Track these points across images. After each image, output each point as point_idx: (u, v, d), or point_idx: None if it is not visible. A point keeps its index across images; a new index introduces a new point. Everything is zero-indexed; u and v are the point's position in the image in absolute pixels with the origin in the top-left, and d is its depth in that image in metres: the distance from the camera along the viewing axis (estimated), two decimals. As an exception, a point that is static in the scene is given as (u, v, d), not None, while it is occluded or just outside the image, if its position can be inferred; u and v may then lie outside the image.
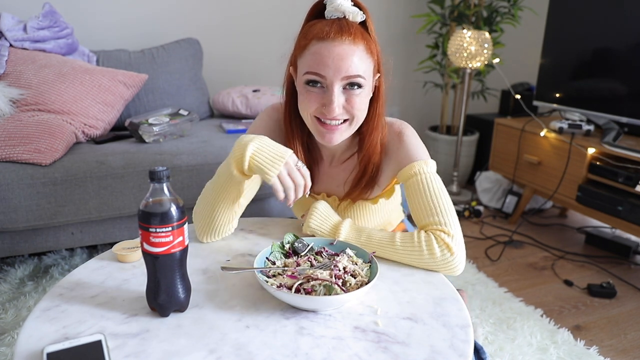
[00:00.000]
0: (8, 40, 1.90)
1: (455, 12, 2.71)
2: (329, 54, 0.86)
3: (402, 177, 0.98)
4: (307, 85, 0.91)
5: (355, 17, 0.90)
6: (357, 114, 0.92)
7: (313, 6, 0.95)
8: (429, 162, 0.97)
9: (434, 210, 0.91)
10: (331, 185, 1.10)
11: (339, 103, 0.89)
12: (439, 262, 0.88)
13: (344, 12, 0.89)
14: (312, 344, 0.68)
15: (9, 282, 1.69)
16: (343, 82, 0.88)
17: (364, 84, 0.90)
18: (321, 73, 0.88)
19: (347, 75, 0.87)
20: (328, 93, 0.89)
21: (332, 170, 1.09)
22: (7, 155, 1.55)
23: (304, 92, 0.92)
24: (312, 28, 0.90)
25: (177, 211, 0.70)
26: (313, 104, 0.91)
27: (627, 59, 1.98)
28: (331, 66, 0.87)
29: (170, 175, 0.83)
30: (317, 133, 0.95)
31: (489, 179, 2.67)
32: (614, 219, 1.92)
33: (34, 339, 0.68)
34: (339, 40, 0.86)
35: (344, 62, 0.86)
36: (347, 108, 0.91)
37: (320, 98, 0.90)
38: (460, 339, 0.70)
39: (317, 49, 0.88)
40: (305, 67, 0.90)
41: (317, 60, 0.87)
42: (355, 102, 0.90)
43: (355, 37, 0.87)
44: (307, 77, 0.90)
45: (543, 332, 1.53)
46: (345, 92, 0.90)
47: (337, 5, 0.89)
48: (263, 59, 2.69)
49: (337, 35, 0.86)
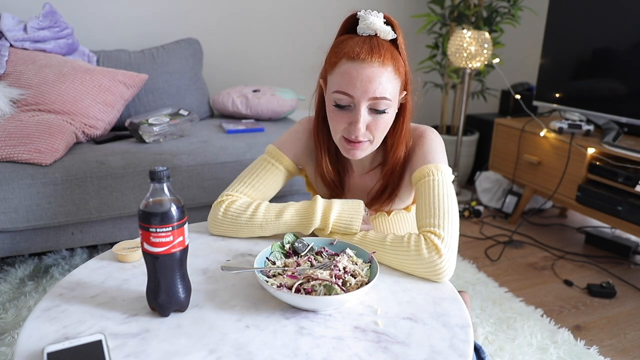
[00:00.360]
0: (8, 40, 1.90)
1: (455, 12, 2.71)
2: (357, 75, 0.89)
3: (414, 179, 0.99)
4: (335, 107, 0.94)
5: (387, 35, 0.91)
6: (378, 136, 0.96)
7: (346, 20, 0.97)
8: (441, 166, 0.96)
9: (431, 213, 0.90)
10: (361, 194, 1.12)
11: (364, 122, 0.92)
12: (425, 263, 0.84)
13: (375, 31, 0.91)
14: (312, 344, 0.68)
15: (9, 282, 1.69)
16: (369, 102, 0.91)
17: (389, 106, 0.93)
18: (349, 93, 0.90)
19: (374, 96, 0.90)
20: (355, 112, 0.92)
21: (361, 180, 1.11)
22: (7, 155, 1.55)
23: (332, 112, 0.95)
24: (343, 45, 0.92)
25: (177, 211, 0.70)
26: (341, 123, 0.94)
27: (627, 59, 1.98)
28: (359, 87, 0.89)
29: (170, 175, 0.83)
30: (343, 149, 0.99)
31: (489, 179, 2.67)
32: (614, 219, 1.92)
33: (34, 338, 0.68)
34: (368, 62, 0.88)
35: (372, 85, 0.89)
36: (370, 129, 0.94)
37: (347, 117, 0.93)
38: (460, 339, 0.70)
39: (347, 69, 0.90)
40: (335, 86, 0.92)
41: (346, 80, 0.90)
42: (379, 126, 0.94)
43: (385, 59, 0.89)
44: (335, 97, 0.92)
45: (543, 332, 1.53)
46: (371, 114, 0.93)
47: (370, 23, 0.90)
48: (263, 58, 2.69)
49: (367, 56, 0.88)
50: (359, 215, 0.93)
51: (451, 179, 0.96)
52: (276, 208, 0.97)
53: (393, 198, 1.06)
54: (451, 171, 0.98)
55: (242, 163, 1.82)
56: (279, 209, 0.97)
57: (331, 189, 1.10)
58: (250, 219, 0.97)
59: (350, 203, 0.96)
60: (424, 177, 0.95)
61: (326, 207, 0.94)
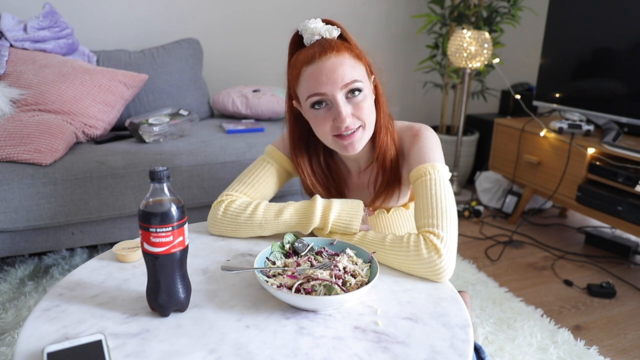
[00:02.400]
0: (8, 40, 1.90)
1: (455, 12, 2.71)
2: (320, 72, 0.91)
3: (411, 178, 0.99)
4: (313, 109, 0.95)
5: (332, 33, 0.95)
6: (367, 119, 0.96)
7: (292, 39, 1.00)
8: (437, 165, 0.96)
9: (430, 212, 0.90)
10: (363, 195, 1.11)
11: (347, 113, 0.93)
12: (425, 263, 0.84)
13: (319, 34, 0.94)
14: (312, 344, 0.68)
15: (9, 282, 1.69)
16: (343, 91, 0.92)
17: (362, 87, 0.93)
18: (321, 91, 0.92)
19: (344, 83, 0.91)
20: (334, 107, 0.93)
21: (360, 181, 1.11)
22: (7, 155, 1.55)
23: (313, 117, 0.96)
24: (298, 57, 0.95)
25: (177, 211, 0.70)
26: (326, 124, 0.95)
27: (627, 59, 1.98)
28: (326, 81, 0.91)
29: (170, 175, 0.83)
30: (340, 148, 0.98)
31: (488, 179, 2.67)
32: (614, 219, 1.92)
33: (34, 338, 0.68)
34: (324, 57, 0.91)
35: (337, 73, 0.91)
36: (355, 114, 0.94)
37: (329, 115, 0.94)
38: (460, 339, 0.70)
39: (310, 72, 0.92)
40: (306, 93, 0.94)
41: (312, 81, 0.92)
42: (362, 107, 0.94)
43: (339, 50, 0.92)
44: (310, 100, 0.94)
45: (543, 332, 1.53)
46: (350, 101, 0.93)
47: (312, 29, 0.94)
48: (263, 58, 2.69)
49: (322, 53, 0.91)
50: (359, 215, 0.93)
51: (448, 177, 0.96)
52: (275, 207, 0.98)
53: (394, 187, 1.06)
54: (448, 169, 0.98)
55: (242, 163, 1.82)
56: (279, 209, 0.97)
57: (329, 195, 1.10)
58: (249, 219, 0.98)
59: (350, 203, 0.96)
60: (421, 177, 0.95)
61: (326, 206, 0.95)
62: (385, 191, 1.06)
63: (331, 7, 2.72)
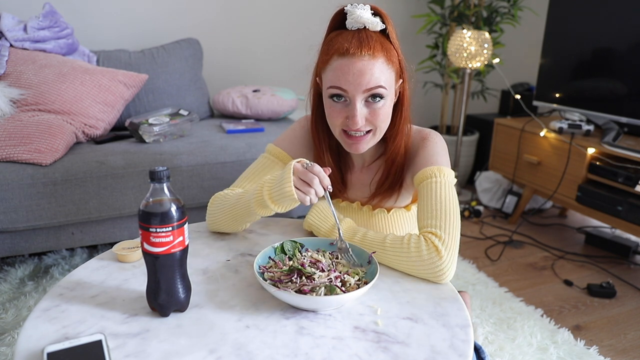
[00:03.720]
0: (8, 40, 1.90)
1: (455, 12, 2.71)
2: (349, 70, 0.89)
3: (416, 181, 0.98)
4: (331, 99, 0.94)
5: (375, 26, 0.91)
6: (380, 125, 0.95)
7: (334, 16, 0.96)
8: (444, 169, 0.95)
9: (432, 214, 0.89)
10: (364, 190, 1.11)
11: (362, 115, 0.92)
12: (425, 264, 0.84)
13: (364, 23, 0.91)
14: (312, 344, 0.68)
15: (9, 282, 1.69)
16: (365, 94, 0.91)
17: (385, 94, 0.92)
18: (343, 87, 0.91)
19: (368, 88, 0.90)
20: (351, 106, 0.92)
21: (363, 176, 1.11)
22: (7, 155, 1.55)
23: (329, 105, 0.95)
24: (333, 42, 0.92)
25: (177, 211, 0.70)
26: (338, 117, 0.94)
27: (627, 59, 1.98)
28: (352, 81, 0.89)
29: (170, 175, 0.83)
30: (344, 144, 0.98)
31: (488, 179, 2.67)
32: (614, 219, 1.92)
33: (34, 338, 0.68)
34: (358, 55, 0.89)
35: (364, 77, 0.89)
36: (370, 119, 0.93)
37: (344, 111, 0.93)
38: (460, 339, 0.70)
39: (339, 65, 0.90)
40: (329, 82, 0.93)
41: (339, 75, 0.90)
42: (379, 114, 0.93)
43: (375, 50, 0.89)
44: (330, 92, 0.93)
45: (543, 332, 1.53)
46: (368, 105, 0.93)
47: (357, 16, 0.90)
48: (263, 58, 2.69)
49: (356, 50, 0.89)
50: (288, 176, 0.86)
51: (454, 182, 0.96)
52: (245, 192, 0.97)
53: (394, 190, 1.06)
54: (454, 174, 0.97)
55: (242, 163, 1.82)
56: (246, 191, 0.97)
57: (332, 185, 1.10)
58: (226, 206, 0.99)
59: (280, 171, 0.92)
60: (426, 179, 0.95)
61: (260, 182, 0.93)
62: (384, 192, 1.06)
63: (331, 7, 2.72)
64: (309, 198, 0.86)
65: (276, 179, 0.89)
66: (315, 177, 0.85)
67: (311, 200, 0.86)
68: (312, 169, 0.86)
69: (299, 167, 0.87)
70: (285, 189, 0.85)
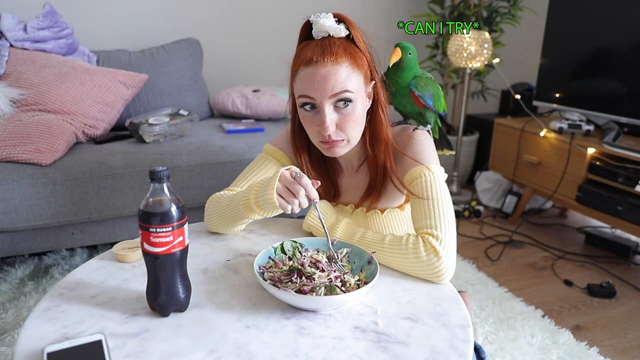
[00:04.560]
0: (8, 40, 1.90)
1: (455, 12, 2.71)
2: (313, 77, 0.90)
3: (407, 181, 0.98)
4: (303, 109, 0.95)
5: (339, 33, 0.93)
6: (351, 132, 0.95)
7: (302, 27, 0.99)
8: (433, 167, 0.96)
9: (428, 214, 0.89)
10: (356, 193, 1.11)
11: (332, 121, 0.92)
12: (424, 265, 0.84)
13: (327, 31, 0.93)
14: (312, 344, 0.68)
15: (9, 282, 1.69)
16: (332, 99, 0.91)
17: (353, 98, 0.92)
18: (310, 95, 0.92)
19: (334, 93, 0.90)
20: (320, 113, 0.92)
21: (353, 179, 1.11)
22: (7, 155, 1.55)
23: (303, 116, 0.97)
24: (300, 53, 0.95)
25: (177, 211, 0.70)
26: (313, 126, 0.95)
27: (627, 59, 1.98)
28: (317, 88, 0.90)
29: (170, 175, 0.83)
30: (323, 150, 0.98)
31: (489, 179, 2.67)
32: (614, 219, 1.92)
33: (34, 338, 0.68)
34: (321, 63, 0.90)
35: (329, 83, 0.90)
36: (340, 127, 0.93)
37: (317, 120, 0.94)
38: (460, 339, 0.70)
39: (304, 75, 0.92)
40: (298, 92, 0.94)
41: (305, 84, 0.92)
42: (348, 122, 0.93)
43: (338, 56, 0.90)
44: (300, 101, 0.94)
45: (543, 332, 1.53)
46: (338, 110, 0.93)
47: (320, 25, 0.93)
48: (263, 58, 2.69)
49: (319, 58, 0.90)
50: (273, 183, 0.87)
51: (444, 178, 0.96)
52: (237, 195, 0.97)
53: (383, 191, 1.06)
54: (443, 170, 0.97)
55: (242, 163, 1.82)
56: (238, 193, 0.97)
57: (323, 190, 1.11)
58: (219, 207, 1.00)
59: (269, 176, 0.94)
60: (416, 179, 0.95)
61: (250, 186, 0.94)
62: (374, 194, 1.06)
63: (331, 7, 2.72)
64: (290, 207, 0.87)
65: (263, 184, 0.90)
66: (302, 190, 0.85)
67: (293, 210, 0.87)
68: (300, 179, 0.86)
69: (287, 175, 0.87)
70: (268, 195, 0.86)
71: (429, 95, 1.05)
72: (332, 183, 1.11)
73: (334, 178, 1.12)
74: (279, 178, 0.87)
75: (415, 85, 1.04)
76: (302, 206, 0.87)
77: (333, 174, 1.12)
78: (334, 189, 1.12)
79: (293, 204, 0.86)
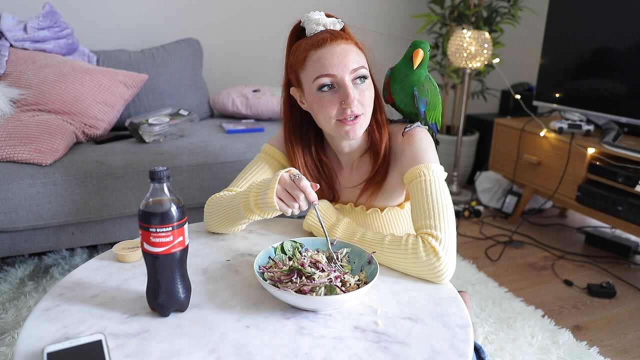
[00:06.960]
0: (8, 40, 1.90)
1: (455, 12, 2.71)
2: (331, 55, 0.92)
3: (406, 180, 0.98)
4: (320, 92, 0.95)
5: (336, 26, 0.97)
6: (368, 108, 0.97)
7: (292, 30, 1.00)
8: (432, 166, 0.95)
9: (427, 214, 0.89)
10: (355, 192, 1.11)
11: (355, 95, 0.94)
12: (424, 265, 0.84)
13: (324, 25, 0.95)
14: (312, 344, 0.68)
15: (9, 282, 1.69)
16: (352, 75, 0.94)
17: (367, 75, 0.96)
18: (331, 72, 0.93)
19: (354, 68, 0.93)
20: (342, 89, 0.94)
21: (353, 177, 1.11)
22: (7, 155, 1.55)
23: (319, 99, 0.95)
24: (302, 44, 0.96)
25: (177, 211, 0.70)
26: (332, 107, 0.95)
27: (627, 59, 1.98)
28: (337, 64, 0.92)
29: (170, 175, 0.83)
30: (341, 132, 0.97)
31: (488, 179, 2.67)
32: (614, 219, 1.92)
33: (34, 338, 0.68)
34: (335, 42, 0.93)
35: (348, 58, 0.93)
36: (360, 101, 0.95)
37: (336, 99, 0.94)
38: (460, 339, 0.70)
39: (319, 55, 0.93)
40: (314, 74, 0.94)
41: (323, 63, 0.93)
42: (366, 97, 0.96)
43: (346, 38, 0.95)
44: (318, 82, 0.94)
45: (543, 332, 1.53)
46: (356, 86, 0.95)
47: (317, 20, 0.95)
48: (263, 58, 2.69)
49: (332, 39, 0.93)
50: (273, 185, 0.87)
51: (443, 177, 0.96)
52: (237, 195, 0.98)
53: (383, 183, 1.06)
54: (443, 169, 0.97)
55: (242, 163, 1.82)
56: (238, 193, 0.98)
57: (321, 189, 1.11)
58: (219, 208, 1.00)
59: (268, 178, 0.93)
60: (415, 178, 0.95)
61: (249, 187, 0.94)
62: (375, 186, 1.06)
63: (331, 7, 2.72)
64: (290, 211, 0.88)
65: (263, 185, 0.90)
66: (302, 193, 0.86)
67: (293, 213, 0.88)
68: (299, 183, 0.85)
69: (287, 178, 0.87)
70: (268, 198, 0.87)
71: (424, 101, 1.05)
72: (328, 184, 1.11)
73: (331, 179, 1.12)
74: (279, 181, 0.87)
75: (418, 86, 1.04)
76: (302, 209, 0.88)
77: (330, 174, 1.11)
78: (333, 191, 1.12)
79: (293, 208, 0.87)
